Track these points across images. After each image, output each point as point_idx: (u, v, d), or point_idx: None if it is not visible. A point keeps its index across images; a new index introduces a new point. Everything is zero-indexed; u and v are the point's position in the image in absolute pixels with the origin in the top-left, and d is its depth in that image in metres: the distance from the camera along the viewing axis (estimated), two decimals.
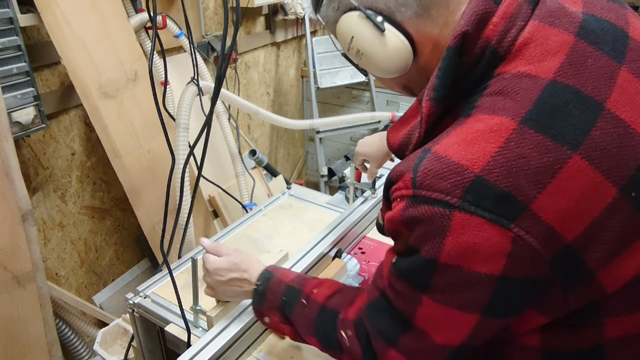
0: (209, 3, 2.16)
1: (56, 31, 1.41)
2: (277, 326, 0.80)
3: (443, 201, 0.49)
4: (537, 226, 0.48)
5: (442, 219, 0.50)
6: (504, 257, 0.49)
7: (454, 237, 0.49)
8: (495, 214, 0.48)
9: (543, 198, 0.48)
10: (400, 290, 0.58)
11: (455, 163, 0.50)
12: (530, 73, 0.52)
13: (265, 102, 2.81)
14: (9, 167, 1.27)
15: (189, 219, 1.40)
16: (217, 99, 0.93)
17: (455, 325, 0.56)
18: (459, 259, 0.50)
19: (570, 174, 0.48)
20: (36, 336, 1.44)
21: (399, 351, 0.60)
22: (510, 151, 0.49)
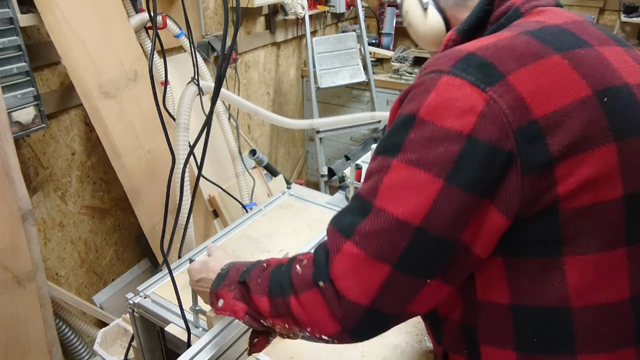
0: (209, 3, 2.16)
1: (56, 31, 1.41)
2: (230, 304, 0.73)
3: (437, 70, 0.57)
4: (510, 94, 0.53)
5: (432, 81, 0.57)
6: (475, 115, 0.53)
7: (436, 93, 0.56)
8: (476, 77, 0.54)
9: (521, 73, 0.54)
10: (371, 169, 0.61)
11: (455, 50, 0.60)
12: (541, 20, 0.63)
13: (266, 102, 2.81)
14: (9, 167, 1.27)
15: (189, 218, 1.41)
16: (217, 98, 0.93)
17: (419, 191, 0.55)
18: (436, 113, 0.55)
19: (550, 65, 0.56)
20: (36, 336, 1.44)
21: (354, 242, 0.58)
22: (503, 42, 0.58)
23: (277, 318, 0.67)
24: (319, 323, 0.62)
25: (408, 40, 3.41)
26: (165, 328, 0.99)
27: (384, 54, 2.99)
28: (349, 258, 0.58)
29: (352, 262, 0.58)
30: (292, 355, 0.94)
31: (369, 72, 2.73)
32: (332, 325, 0.61)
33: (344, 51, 2.68)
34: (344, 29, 3.18)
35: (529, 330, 0.59)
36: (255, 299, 0.69)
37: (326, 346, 0.95)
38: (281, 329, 0.68)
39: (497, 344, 0.61)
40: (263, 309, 0.68)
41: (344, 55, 2.68)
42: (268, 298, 0.67)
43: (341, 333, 0.61)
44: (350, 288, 0.58)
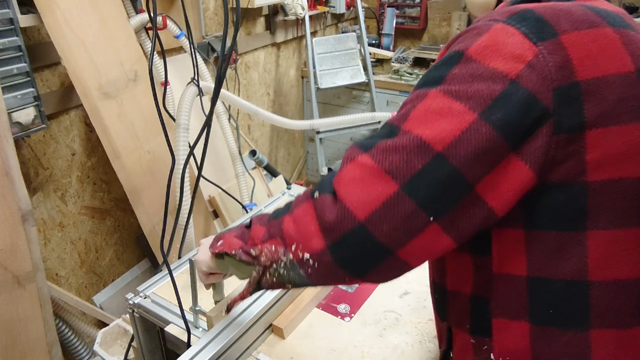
0: (209, 4, 2.17)
1: (56, 32, 1.41)
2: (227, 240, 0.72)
3: (492, 19, 0.58)
4: (560, 53, 0.54)
5: (486, 26, 0.58)
6: (523, 63, 0.54)
7: (488, 36, 0.56)
8: (530, 30, 0.55)
9: (573, 35, 0.55)
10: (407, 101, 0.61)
11: (514, 6, 0.60)
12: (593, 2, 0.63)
13: (266, 103, 2.81)
14: (9, 168, 1.27)
15: (189, 219, 1.41)
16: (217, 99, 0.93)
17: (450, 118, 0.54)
18: (485, 54, 0.56)
19: (602, 35, 0.57)
20: (36, 336, 1.44)
21: (370, 154, 0.56)
22: (562, 6, 0.59)
23: (266, 242, 0.65)
24: (305, 236, 0.60)
25: (408, 41, 3.41)
26: (165, 328, 0.99)
27: (384, 54, 2.99)
28: (360, 167, 0.57)
29: (361, 172, 0.56)
30: (292, 355, 0.94)
31: (369, 73, 2.74)
32: (317, 239, 0.58)
33: (344, 52, 2.68)
34: (344, 29, 3.18)
35: (545, 303, 0.59)
36: (254, 229, 0.69)
37: (326, 347, 0.95)
38: (266, 254, 0.65)
39: (510, 316, 0.61)
40: (257, 235, 0.67)
41: (344, 55, 2.68)
42: (266, 224, 0.67)
43: (324, 251, 0.58)
44: (351, 194, 0.56)
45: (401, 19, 3.25)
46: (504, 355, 0.63)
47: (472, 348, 0.67)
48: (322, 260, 0.59)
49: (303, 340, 0.98)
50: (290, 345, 0.96)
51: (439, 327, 0.77)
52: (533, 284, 0.59)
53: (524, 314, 0.60)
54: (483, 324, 0.64)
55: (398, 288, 1.11)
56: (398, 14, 3.22)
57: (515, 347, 0.61)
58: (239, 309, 0.94)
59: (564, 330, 0.59)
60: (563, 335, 0.59)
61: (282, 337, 0.98)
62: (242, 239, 0.71)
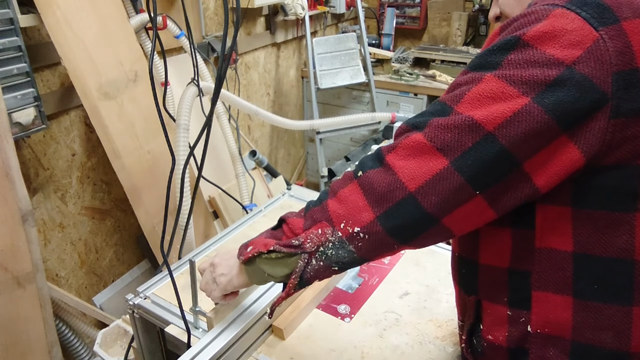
0: (209, 4, 2.16)
1: (56, 32, 1.41)
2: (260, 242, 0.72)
3: (552, 3, 0.57)
4: (621, 39, 0.54)
5: (545, 11, 0.57)
6: (581, 49, 0.54)
7: (548, 21, 0.56)
8: (591, 15, 0.55)
9: (635, 22, 0.55)
10: (460, 82, 0.61)
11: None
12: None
13: (266, 103, 2.81)
14: (9, 168, 1.27)
15: (189, 219, 1.41)
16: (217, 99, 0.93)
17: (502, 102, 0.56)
18: (542, 39, 0.55)
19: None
20: (36, 337, 1.44)
21: (423, 133, 0.60)
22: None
23: (310, 228, 0.67)
24: (354, 211, 0.62)
25: (408, 41, 3.41)
26: (165, 329, 0.99)
27: (384, 54, 2.99)
28: (414, 144, 0.60)
29: (414, 148, 0.60)
30: (292, 356, 0.94)
31: (369, 73, 2.73)
32: (367, 212, 0.61)
33: (344, 52, 2.68)
34: (344, 29, 3.18)
35: (590, 278, 0.60)
36: (290, 222, 0.71)
37: (326, 347, 0.95)
38: (312, 239, 0.66)
39: (553, 289, 0.62)
40: (296, 226, 0.69)
41: (344, 56, 2.68)
42: (303, 215, 0.70)
43: (374, 222, 0.61)
44: (403, 167, 0.60)
45: (401, 19, 3.25)
46: (542, 328, 0.63)
47: (507, 320, 0.67)
48: (372, 230, 0.62)
49: (303, 340, 0.97)
50: (291, 346, 0.96)
51: (464, 301, 0.75)
52: (578, 260, 0.60)
53: (567, 288, 0.61)
54: (521, 297, 0.65)
55: (398, 289, 1.11)
56: (398, 14, 3.22)
57: (557, 320, 0.62)
58: (239, 310, 0.94)
59: (607, 304, 0.60)
60: (606, 310, 0.60)
61: (282, 338, 0.98)
62: (274, 237, 0.73)
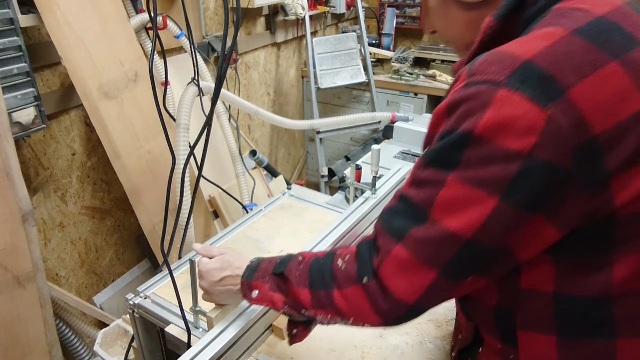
0: (209, 3, 2.16)
1: (56, 31, 1.41)
2: (266, 295, 0.76)
3: (490, 80, 0.54)
4: (571, 111, 0.52)
5: (487, 94, 0.54)
6: (535, 134, 0.52)
7: (494, 109, 0.53)
8: (536, 91, 0.52)
9: (581, 86, 0.53)
10: (424, 179, 0.61)
11: (507, 52, 0.56)
12: (585, 8, 0.59)
13: (266, 103, 2.81)
14: (10, 168, 1.27)
15: (189, 219, 1.41)
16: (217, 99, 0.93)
17: (473, 207, 0.56)
18: (494, 132, 0.53)
19: (608, 73, 0.54)
20: (36, 337, 1.44)
21: (404, 246, 0.61)
22: (559, 47, 0.55)
23: (319, 309, 0.70)
24: (362, 315, 0.66)
25: (408, 41, 3.41)
26: (166, 329, 0.99)
27: (384, 54, 2.99)
28: (400, 261, 0.62)
29: (402, 265, 0.62)
30: (292, 356, 0.94)
31: (369, 73, 2.73)
32: (375, 318, 0.65)
33: (344, 52, 2.68)
34: (344, 29, 3.18)
35: (571, 317, 0.61)
36: (296, 291, 0.72)
37: (326, 347, 0.95)
38: (323, 318, 0.71)
39: (537, 329, 0.63)
40: (304, 300, 0.71)
41: (344, 55, 2.67)
42: (309, 290, 0.71)
43: (382, 323, 0.66)
44: (398, 286, 0.62)
45: (401, 19, 3.25)
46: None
47: (499, 353, 0.69)
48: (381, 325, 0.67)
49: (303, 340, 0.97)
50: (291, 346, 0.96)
51: (465, 325, 0.78)
52: (559, 299, 0.61)
53: (550, 327, 0.62)
54: (508, 335, 0.67)
55: None
56: (398, 14, 3.22)
57: (542, 358, 0.64)
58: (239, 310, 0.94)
59: (591, 339, 0.61)
60: (590, 345, 0.61)
61: (282, 338, 0.98)
62: (280, 292, 0.75)
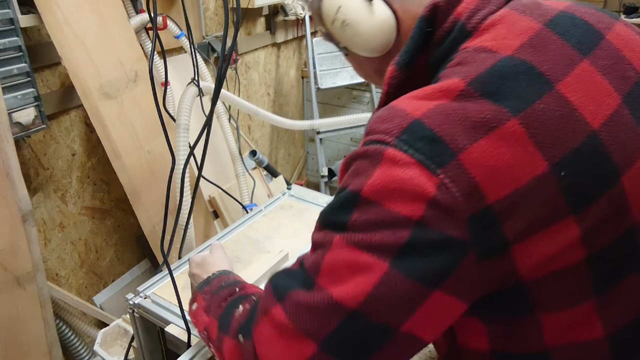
0: (209, 4, 2.17)
1: (57, 32, 1.41)
2: (197, 314, 0.74)
3: (381, 140, 0.51)
4: (463, 178, 0.48)
5: (375, 154, 0.51)
6: (425, 202, 0.48)
7: (381, 170, 0.50)
8: (425, 156, 0.48)
9: (473, 150, 0.48)
10: (315, 241, 0.56)
11: (399, 109, 0.52)
12: (491, 48, 0.54)
13: (266, 103, 2.81)
14: (10, 168, 1.27)
15: (189, 219, 1.41)
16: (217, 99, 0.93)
17: (360, 273, 0.50)
18: (381, 195, 0.49)
19: (505, 134, 0.49)
20: (36, 337, 1.44)
21: (283, 308, 0.54)
22: (453, 106, 0.50)
23: (215, 349, 0.67)
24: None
25: None
26: (166, 328, 0.99)
27: None
28: (276, 324, 0.54)
29: (277, 330, 0.54)
30: None
31: None
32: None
33: None
34: None
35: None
36: (211, 323, 0.69)
37: None
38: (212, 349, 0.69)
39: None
40: (212, 333, 0.68)
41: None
42: (216, 324, 0.67)
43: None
44: (270, 355, 0.55)
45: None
46: None
47: None
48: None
49: None
50: None
51: None
52: (497, 357, 0.58)
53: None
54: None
55: None
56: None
57: None
58: None
59: None
60: None
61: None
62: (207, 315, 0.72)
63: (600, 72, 0.54)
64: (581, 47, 0.55)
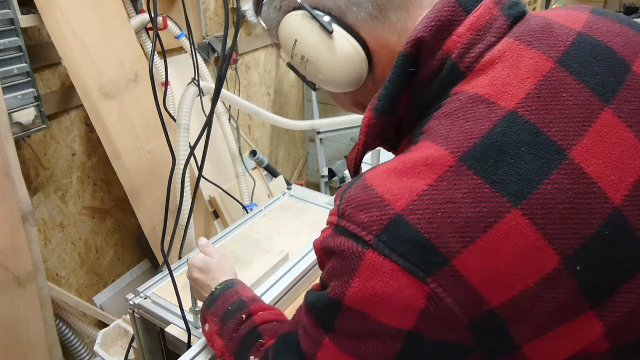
0: (209, 4, 2.17)
1: (57, 32, 1.41)
2: (212, 337, 0.74)
3: (358, 236, 0.43)
4: (458, 286, 0.41)
5: (353, 256, 0.43)
6: (415, 314, 0.42)
7: (361, 279, 0.43)
8: (412, 262, 0.41)
9: (468, 254, 0.41)
10: (307, 325, 0.52)
11: (377, 195, 0.44)
12: (490, 98, 0.44)
13: (266, 103, 2.81)
14: (10, 168, 1.27)
15: (190, 219, 1.41)
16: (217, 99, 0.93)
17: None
18: (365, 305, 0.44)
19: (505, 231, 0.41)
20: (36, 337, 1.44)
21: None
22: (440, 193, 0.42)
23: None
24: None
25: None
26: (166, 329, 0.99)
27: None
28: None
29: None
30: None
31: None
32: None
33: None
34: None
35: None
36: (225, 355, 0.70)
37: None
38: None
39: None
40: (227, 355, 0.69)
41: None
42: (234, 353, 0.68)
43: None
44: None
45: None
46: None
47: None
48: None
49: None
50: None
51: None
52: None
53: None
54: None
55: None
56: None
57: None
58: None
59: None
60: None
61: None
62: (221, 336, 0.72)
63: (625, 122, 0.45)
64: (603, 90, 0.45)
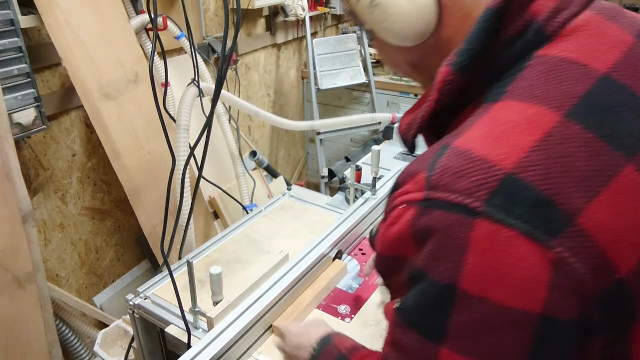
0: (209, 4, 2.17)
1: (57, 32, 1.41)
2: None
3: (462, 205, 0.38)
4: (586, 248, 0.37)
5: (461, 229, 0.38)
6: (544, 288, 0.37)
7: (476, 253, 0.38)
8: (532, 224, 0.37)
9: (594, 210, 0.37)
10: (408, 346, 0.45)
11: (480, 158, 0.39)
12: (580, 61, 0.42)
13: (266, 104, 2.81)
14: (10, 168, 1.27)
15: (190, 220, 1.41)
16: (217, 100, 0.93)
17: None
18: (484, 287, 0.38)
19: (624, 185, 0.38)
20: (36, 337, 1.44)
21: None
22: (552, 147, 0.38)
23: None
24: None
25: None
26: (166, 329, 0.99)
27: None
28: None
29: None
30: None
31: (369, 74, 2.73)
32: None
33: (345, 52, 2.68)
34: (345, 30, 3.18)
35: None
36: None
37: None
38: None
39: None
40: None
41: (344, 56, 2.68)
42: None
43: None
44: None
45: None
46: None
47: None
48: None
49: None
50: None
51: None
52: None
53: None
54: None
55: None
56: None
57: None
58: (239, 310, 0.94)
59: None
60: None
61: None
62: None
63: None
64: None
